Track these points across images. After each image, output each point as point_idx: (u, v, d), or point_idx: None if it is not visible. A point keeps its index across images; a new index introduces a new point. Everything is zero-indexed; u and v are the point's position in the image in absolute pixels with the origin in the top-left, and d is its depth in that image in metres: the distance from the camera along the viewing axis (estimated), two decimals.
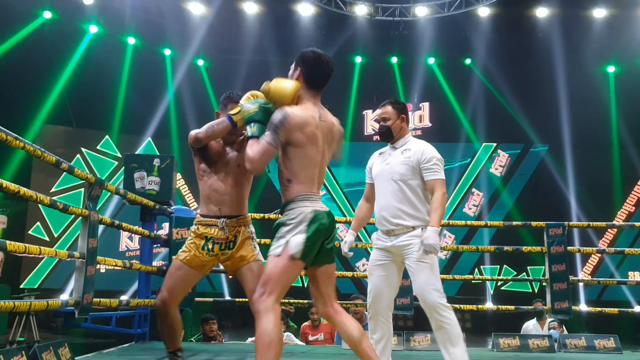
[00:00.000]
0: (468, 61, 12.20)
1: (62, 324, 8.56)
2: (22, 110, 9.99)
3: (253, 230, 3.04)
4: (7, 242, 2.94)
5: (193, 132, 2.92)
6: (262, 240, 5.74)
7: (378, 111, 3.41)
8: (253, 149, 2.40)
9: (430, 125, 12.22)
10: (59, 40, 10.51)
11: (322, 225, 2.40)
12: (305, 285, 11.81)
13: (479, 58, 11.98)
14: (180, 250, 2.97)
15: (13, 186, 2.96)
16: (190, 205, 11.29)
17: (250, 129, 2.48)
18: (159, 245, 5.52)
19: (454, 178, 11.95)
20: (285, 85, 2.50)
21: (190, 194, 11.66)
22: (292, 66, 2.58)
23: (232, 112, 2.82)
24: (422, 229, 3.11)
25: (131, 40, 11.39)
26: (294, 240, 2.35)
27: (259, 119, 2.48)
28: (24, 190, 3.09)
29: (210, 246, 2.92)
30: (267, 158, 2.40)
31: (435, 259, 3.13)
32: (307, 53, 2.57)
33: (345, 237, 3.44)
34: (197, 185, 3.07)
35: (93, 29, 10.97)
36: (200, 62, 12.25)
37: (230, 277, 3.12)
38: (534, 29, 11.57)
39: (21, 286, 10.16)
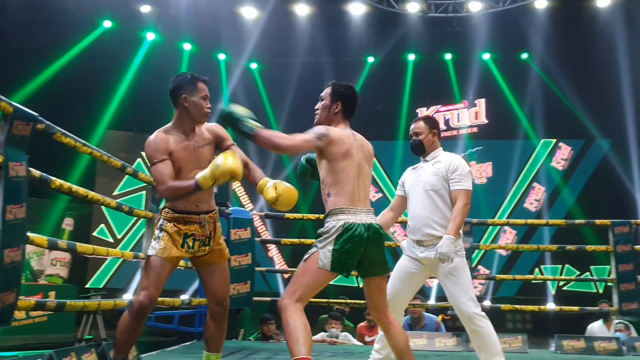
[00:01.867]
0: (525, 56, 11.87)
1: None
2: (86, 116, 10.38)
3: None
4: (77, 244, 3.08)
5: (162, 189, 2.69)
6: (312, 241, 5.81)
7: (412, 126, 3.51)
8: (296, 136, 2.60)
9: (486, 122, 11.96)
10: (118, 48, 10.88)
11: (356, 237, 2.52)
12: (360, 285, 11.78)
13: (536, 52, 11.64)
14: (159, 247, 2.75)
15: (82, 190, 3.10)
16: (246, 206, 11.47)
17: (253, 123, 2.64)
18: None
19: (512, 175, 11.68)
20: (293, 193, 2.68)
21: (245, 196, 11.83)
22: (328, 98, 2.79)
23: (199, 176, 2.59)
24: None
25: (187, 46, 11.67)
26: (322, 252, 2.52)
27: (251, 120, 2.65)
28: (92, 194, 3.22)
29: (190, 243, 2.78)
30: (303, 149, 2.65)
31: (466, 268, 3.24)
32: (346, 90, 2.81)
33: None
34: (251, 186, 3.06)
35: (150, 36, 11.30)
36: (254, 66, 12.41)
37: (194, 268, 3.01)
38: (594, 20, 11.16)
39: (87, 286, 10.56)
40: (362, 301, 5.58)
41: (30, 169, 2.69)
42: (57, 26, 9.85)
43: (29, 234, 2.70)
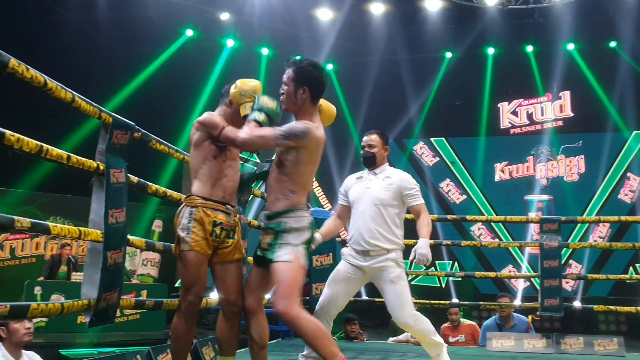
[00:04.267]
0: (613, 44, 11.29)
1: (214, 320, 9.16)
2: (172, 123, 10.82)
3: None
4: (173, 245, 3.23)
5: (242, 136, 2.52)
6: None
7: (365, 138, 3.58)
8: (254, 130, 2.44)
9: (572, 115, 11.49)
10: (201, 55, 11.30)
11: (312, 235, 2.58)
12: (443, 285, 11.59)
13: (626, 40, 11.02)
14: (190, 239, 2.58)
15: (175, 194, 3.26)
16: (325, 206, 11.56)
17: (257, 114, 2.49)
18: None
19: (602, 168, 11.14)
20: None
21: (324, 196, 11.94)
22: (291, 84, 2.55)
23: (244, 114, 2.65)
24: (396, 252, 3.32)
25: (265, 51, 11.95)
26: (300, 249, 2.47)
27: (272, 115, 2.52)
28: (184, 197, 3.37)
29: (218, 232, 2.64)
30: (261, 145, 2.50)
31: (406, 278, 3.34)
32: (312, 69, 2.54)
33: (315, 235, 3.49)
34: (330, 187, 3.05)
35: (230, 43, 11.67)
36: (330, 67, 12.50)
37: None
38: None
39: (176, 285, 11.00)
40: (447, 302, 5.52)
41: (129, 175, 2.86)
42: (143, 37, 10.34)
43: (128, 236, 2.87)
